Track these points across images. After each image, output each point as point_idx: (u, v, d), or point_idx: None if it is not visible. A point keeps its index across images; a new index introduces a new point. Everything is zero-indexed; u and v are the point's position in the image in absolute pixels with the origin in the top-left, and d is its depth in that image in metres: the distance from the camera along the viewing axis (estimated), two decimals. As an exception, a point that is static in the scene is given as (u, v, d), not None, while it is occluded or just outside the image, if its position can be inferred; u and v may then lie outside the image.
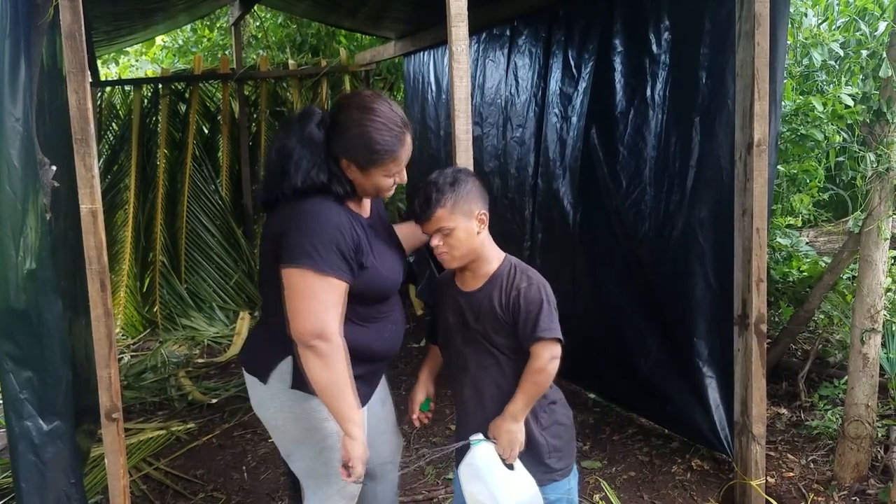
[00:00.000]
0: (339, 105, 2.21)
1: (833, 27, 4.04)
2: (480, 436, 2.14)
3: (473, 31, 2.57)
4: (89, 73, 2.27)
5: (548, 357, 2.10)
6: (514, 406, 2.14)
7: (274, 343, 2.19)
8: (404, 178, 2.23)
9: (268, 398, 2.24)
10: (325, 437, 2.22)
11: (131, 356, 5.75)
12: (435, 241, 2.17)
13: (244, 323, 6.25)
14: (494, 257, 2.24)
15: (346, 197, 2.16)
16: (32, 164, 2.26)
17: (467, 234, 2.15)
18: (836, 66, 3.95)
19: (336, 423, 2.13)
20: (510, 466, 2.17)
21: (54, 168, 2.33)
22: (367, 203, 2.31)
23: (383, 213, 2.46)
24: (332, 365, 2.03)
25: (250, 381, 2.29)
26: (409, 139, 2.18)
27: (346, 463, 2.08)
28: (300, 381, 2.14)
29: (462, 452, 2.28)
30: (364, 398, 2.27)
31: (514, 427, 2.14)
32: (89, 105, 2.18)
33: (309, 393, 2.14)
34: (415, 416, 2.36)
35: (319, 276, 2.02)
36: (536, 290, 2.14)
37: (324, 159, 2.12)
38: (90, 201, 2.20)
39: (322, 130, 2.15)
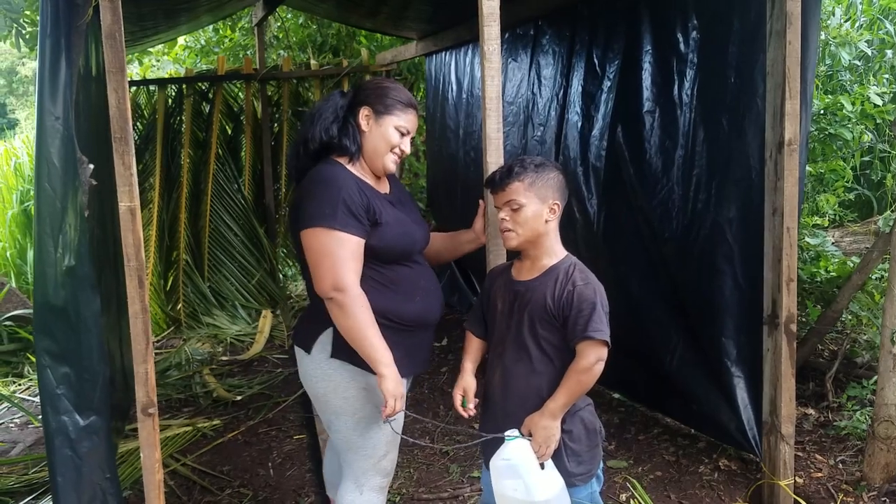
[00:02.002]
0: (360, 82, 2.54)
1: (856, 26, 4.02)
2: (516, 432, 2.14)
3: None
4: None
5: (594, 358, 2.11)
6: (555, 403, 2.14)
7: (316, 315, 2.35)
8: (407, 145, 2.43)
9: (311, 368, 2.39)
10: (363, 406, 2.37)
11: (156, 353, 5.80)
12: (502, 215, 2.23)
13: (266, 321, 6.29)
14: (557, 252, 2.26)
15: (354, 157, 2.38)
16: (72, 163, 2.29)
17: (535, 217, 2.20)
18: (861, 66, 3.94)
19: (373, 394, 2.33)
20: (541, 465, 2.18)
21: (92, 166, 2.36)
22: (385, 182, 2.48)
23: (407, 198, 2.60)
24: (351, 313, 2.19)
25: (298, 353, 2.44)
26: (416, 117, 2.45)
27: (388, 401, 2.21)
28: (339, 350, 2.31)
29: (489, 444, 2.30)
30: (407, 371, 2.38)
31: (551, 424, 2.15)
32: (128, 104, 2.21)
33: (348, 362, 2.31)
34: (461, 411, 2.35)
35: (331, 233, 2.20)
36: (592, 290, 2.16)
37: (342, 116, 2.40)
38: (129, 199, 2.23)
39: (345, 99, 2.45)
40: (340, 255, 2.20)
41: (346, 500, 2.44)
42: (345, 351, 2.30)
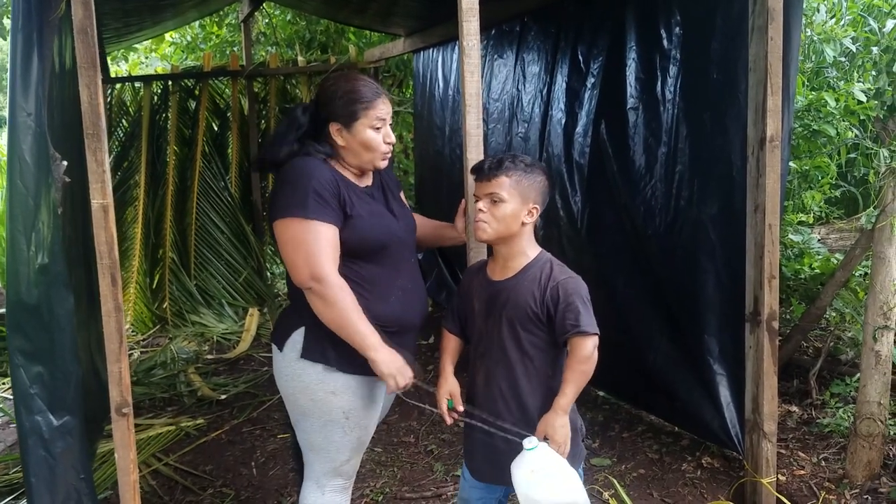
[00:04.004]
0: (322, 83, 2.42)
1: (840, 23, 4.01)
2: (534, 440, 2.09)
3: (484, 27, 2.56)
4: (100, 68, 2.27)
5: (591, 347, 2.12)
6: (564, 399, 2.13)
7: (292, 313, 2.36)
8: (390, 135, 2.34)
9: (282, 366, 2.36)
10: (330, 410, 2.32)
11: (141, 352, 5.76)
12: (481, 205, 2.20)
13: (253, 320, 6.26)
14: (531, 251, 2.24)
15: (330, 156, 2.31)
16: (45, 159, 2.25)
17: (513, 216, 2.18)
18: (847, 63, 3.93)
19: (342, 399, 2.30)
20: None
21: (65, 163, 2.33)
22: (367, 176, 2.41)
23: (394, 189, 2.53)
24: (333, 302, 2.16)
25: (273, 350, 2.41)
26: (385, 97, 2.33)
27: (388, 382, 2.22)
28: (310, 351, 2.28)
29: (473, 442, 2.30)
30: None
31: (565, 421, 2.14)
32: (100, 100, 2.18)
33: (319, 363, 2.28)
34: (446, 416, 2.32)
35: (303, 222, 2.16)
36: (575, 282, 2.16)
37: (300, 136, 2.32)
38: (101, 196, 2.20)
39: (306, 114, 2.36)
40: (315, 244, 2.16)
41: (308, 501, 2.43)
42: (316, 352, 2.28)
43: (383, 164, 2.36)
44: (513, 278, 2.21)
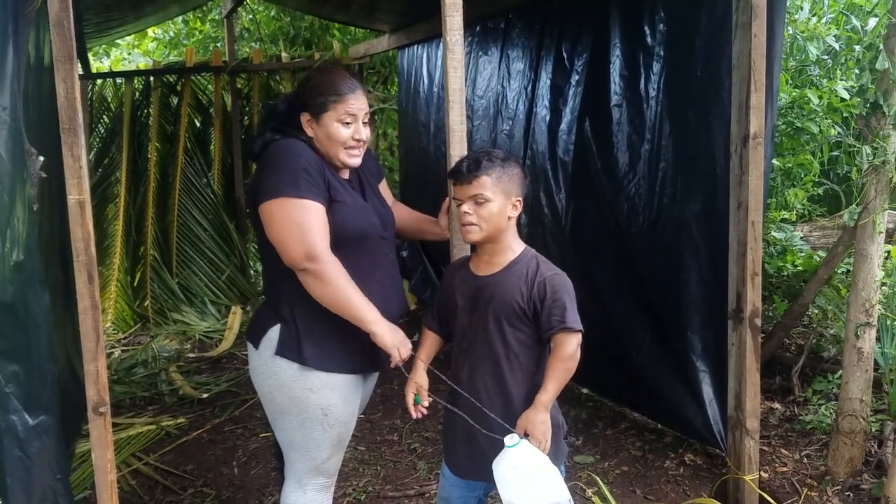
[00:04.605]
0: (305, 75, 2.46)
1: (822, 22, 4.03)
2: (515, 437, 2.08)
3: (468, 24, 2.54)
4: (79, 63, 2.23)
5: (575, 344, 2.12)
6: (546, 395, 2.13)
7: (268, 310, 2.32)
8: (362, 132, 2.30)
9: (258, 364, 2.33)
10: (307, 408, 2.29)
11: (122, 350, 5.71)
12: (466, 208, 2.16)
13: (236, 318, 6.21)
14: (516, 247, 2.23)
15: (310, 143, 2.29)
16: (20, 155, 2.21)
17: (499, 213, 2.16)
18: (830, 61, 3.94)
19: (319, 396, 2.27)
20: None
21: (41, 158, 2.29)
22: (345, 170, 2.38)
23: (374, 182, 2.51)
24: (330, 280, 2.13)
25: (249, 347, 2.38)
26: (360, 94, 2.30)
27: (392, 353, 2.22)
28: (285, 348, 2.25)
29: (452, 441, 2.30)
30: (368, 368, 2.38)
31: (546, 417, 2.13)
32: (77, 94, 2.14)
33: (294, 361, 2.25)
34: (412, 410, 2.32)
35: (294, 201, 2.13)
36: (561, 279, 2.16)
37: (279, 124, 2.31)
38: (78, 192, 2.16)
39: (286, 103, 2.36)
40: (307, 223, 2.12)
41: (290, 501, 2.40)
42: (291, 349, 2.26)
43: (351, 160, 2.31)
44: (498, 274, 2.19)
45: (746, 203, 2.86)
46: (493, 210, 2.16)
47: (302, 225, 2.12)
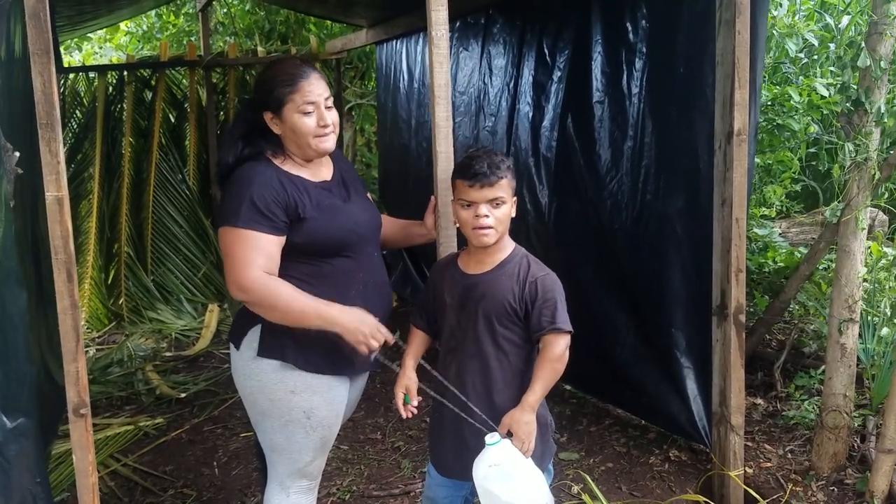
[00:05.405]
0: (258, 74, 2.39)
1: (796, 18, 4.06)
2: (496, 435, 2.07)
3: (449, 19, 2.50)
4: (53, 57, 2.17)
5: (564, 345, 2.11)
6: (533, 396, 2.10)
7: (247, 311, 2.26)
8: (326, 118, 2.23)
9: (239, 365, 2.30)
10: (290, 410, 2.26)
11: (97, 349, 5.61)
12: (484, 211, 2.11)
13: (213, 315, 6.13)
14: (508, 246, 2.22)
15: (277, 152, 2.25)
16: (-6, 150, 2.15)
17: (510, 214, 2.17)
18: (805, 58, 3.97)
19: (301, 398, 2.24)
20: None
21: (17, 154, 2.23)
22: (324, 169, 2.35)
23: (354, 181, 2.46)
24: (269, 304, 2.13)
25: (231, 348, 2.35)
26: (315, 78, 2.24)
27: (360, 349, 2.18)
28: (266, 349, 2.22)
29: (438, 441, 2.29)
30: (351, 372, 2.34)
31: (531, 418, 2.11)
32: (55, 89, 2.08)
33: (276, 360, 2.22)
34: (402, 410, 2.29)
35: (235, 231, 2.11)
36: (552, 279, 2.15)
37: (246, 132, 2.27)
38: (56, 188, 2.10)
39: (249, 110, 2.32)
40: (242, 255, 2.11)
41: (273, 503, 2.37)
42: (273, 349, 2.22)
43: (323, 145, 2.25)
44: (489, 272, 2.17)
45: (731, 200, 2.86)
46: (507, 212, 2.16)
47: (233, 257, 2.12)
